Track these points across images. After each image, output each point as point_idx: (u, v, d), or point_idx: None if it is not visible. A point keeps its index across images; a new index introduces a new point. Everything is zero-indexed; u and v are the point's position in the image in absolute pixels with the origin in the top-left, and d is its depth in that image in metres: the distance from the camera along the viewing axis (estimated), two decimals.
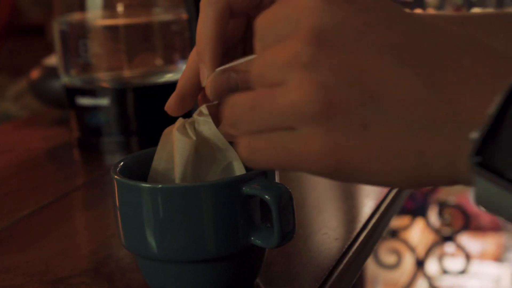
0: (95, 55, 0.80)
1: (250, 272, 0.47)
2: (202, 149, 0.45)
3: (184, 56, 0.82)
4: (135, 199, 0.44)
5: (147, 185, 0.44)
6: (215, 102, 0.45)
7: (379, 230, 0.60)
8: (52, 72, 0.96)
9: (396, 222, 1.45)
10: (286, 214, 0.43)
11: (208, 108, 0.45)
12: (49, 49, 1.03)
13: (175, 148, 0.45)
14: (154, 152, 0.48)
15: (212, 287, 0.45)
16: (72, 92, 0.82)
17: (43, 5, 4.23)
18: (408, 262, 1.52)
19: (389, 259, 1.45)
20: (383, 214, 0.62)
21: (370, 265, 1.48)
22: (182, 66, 0.82)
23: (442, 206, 1.35)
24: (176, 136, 0.45)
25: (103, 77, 0.81)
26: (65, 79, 0.83)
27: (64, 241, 0.58)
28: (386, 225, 0.63)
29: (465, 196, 1.50)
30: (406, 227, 1.44)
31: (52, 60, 0.98)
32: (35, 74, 0.98)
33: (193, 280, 0.45)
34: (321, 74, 0.34)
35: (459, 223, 1.34)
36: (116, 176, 0.45)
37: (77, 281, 0.50)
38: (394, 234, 1.41)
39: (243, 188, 0.43)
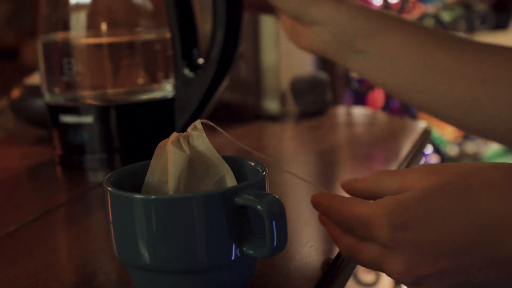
0: (79, 73, 0.81)
1: (242, 282, 0.48)
2: (195, 163, 0.46)
3: (167, 75, 0.83)
4: (128, 210, 0.45)
5: (140, 196, 0.45)
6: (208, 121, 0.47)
7: None
8: (33, 91, 0.96)
9: None
10: (278, 224, 0.44)
11: (202, 123, 0.46)
12: (22, 72, 1.03)
13: (169, 161, 0.45)
14: (146, 166, 0.49)
15: None
16: (55, 110, 0.82)
17: (16, 28, 4.21)
18: (387, 279, 1.53)
19: (368, 277, 1.46)
20: None
21: (350, 283, 1.48)
22: (166, 85, 0.83)
23: None
24: (170, 149, 0.46)
25: (87, 95, 0.82)
26: (48, 98, 0.84)
27: (51, 256, 0.58)
28: None
29: None
30: None
31: (33, 79, 0.99)
32: (16, 93, 0.98)
33: None
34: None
35: None
36: (109, 188, 0.46)
37: None
38: None
39: (236, 199, 0.44)
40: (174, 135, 0.47)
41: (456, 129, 1.82)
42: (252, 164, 0.50)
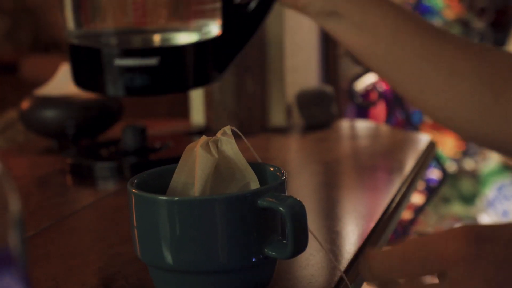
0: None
1: (262, 283, 0.49)
2: (222, 168, 0.48)
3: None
4: (151, 212, 0.46)
5: (164, 198, 0.46)
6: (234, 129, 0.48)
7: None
8: (43, 102, 0.97)
9: None
10: (299, 225, 0.45)
11: (232, 129, 0.48)
12: (21, 86, 1.04)
13: (197, 164, 0.47)
14: (170, 169, 0.50)
15: None
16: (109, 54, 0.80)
17: (14, 43, 4.23)
18: None
19: None
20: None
21: None
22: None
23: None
24: (199, 152, 0.47)
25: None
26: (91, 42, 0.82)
27: (69, 260, 0.59)
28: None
29: (441, 227, 1.53)
30: None
31: (43, 90, 1.00)
32: (25, 104, 0.99)
33: None
34: None
35: None
36: (133, 190, 0.47)
37: None
38: None
39: (258, 201, 0.45)
40: (203, 138, 0.48)
41: (456, 138, 1.83)
42: (272, 169, 0.51)
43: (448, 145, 1.95)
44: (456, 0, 1.94)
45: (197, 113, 1.07)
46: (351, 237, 0.63)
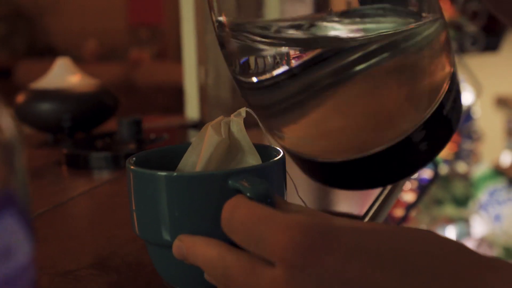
0: None
1: None
2: (231, 149, 0.48)
3: None
4: (147, 187, 0.46)
5: (148, 172, 0.46)
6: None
7: None
8: (38, 96, 0.98)
9: None
10: None
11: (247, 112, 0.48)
12: (15, 92, 1.04)
13: (205, 143, 0.47)
14: (167, 150, 0.51)
15: None
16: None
17: (9, 49, 4.24)
18: None
19: None
20: None
21: None
22: None
23: None
24: (209, 131, 0.47)
25: None
26: None
27: (66, 242, 0.59)
28: None
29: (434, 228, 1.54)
30: None
31: (38, 83, 1.00)
32: (21, 98, 1.00)
33: None
34: None
35: None
36: (131, 167, 0.48)
37: (85, 273, 0.52)
38: None
39: (229, 182, 0.45)
40: (219, 118, 0.48)
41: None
42: (275, 153, 0.50)
43: None
44: (449, 3, 1.96)
45: (192, 108, 1.08)
46: None
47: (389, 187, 0.73)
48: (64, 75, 1.00)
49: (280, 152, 0.49)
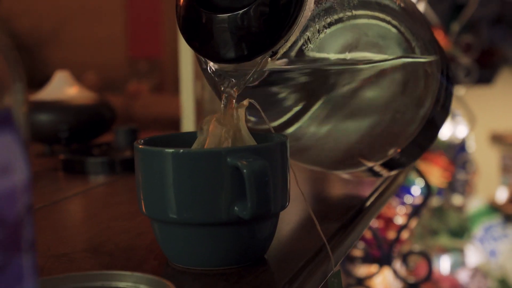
0: None
1: (263, 240, 0.50)
2: (236, 137, 0.50)
3: None
4: (153, 164, 0.48)
5: (151, 149, 0.48)
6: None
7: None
8: (35, 107, 0.99)
9: (363, 270, 1.48)
10: (257, 185, 0.46)
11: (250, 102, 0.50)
12: None
13: (209, 134, 0.50)
14: (173, 136, 0.54)
15: (224, 252, 0.48)
16: None
17: None
18: None
19: None
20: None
21: None
22: None
23: (407, 254, 1.39)
24: (213, 123, 0.50)
25: None
26: None
27: (61, 232, 0.60)
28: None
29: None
30: (372, 275, 1.47)
31: (37, 95, 1.02)
32: None
33: (208, 244, 0.48)
34: None
35: (423, 270, 1.38)
36: (140, 146, 0.49)
37: (79, 256, 0.53)
38: (361, 282, 1.44)
39: (228, 159, 0.47)
40: (223, 108, 0.51)
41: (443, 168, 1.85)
42: (278, 139, 0.52)
43: (435, 175, 1.97)
44: (443, 35, 1.99)
45: (188, 122, 1.09)
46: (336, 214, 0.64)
47: (387, 180, 0.75)
48: (62, 87, 1.02)
49: (285, 138, 0.51)
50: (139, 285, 0.43)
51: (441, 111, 0.69)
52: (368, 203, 0.70)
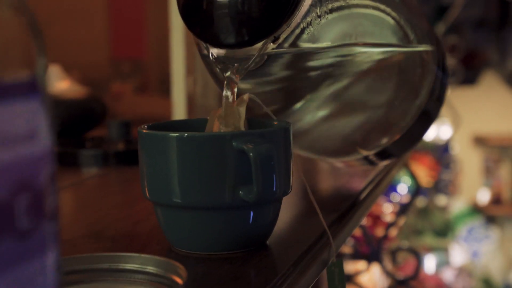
0: None
1: (265, 225, 0.50)
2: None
3: None
4: (157, 148, 0.48)
5: (162, 133, 0.48)
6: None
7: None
8: None
9: (352, 266, 1.48)
10: (264, 168, 0.46)
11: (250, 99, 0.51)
12: None
13: (214, 128, 0.50)
14: (176, 123, 0.54)
15: (228, 237, 0.48)
16: None
17: None
18: None
19: None
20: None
21: None
22: None
23: (396, 251, 1.40)
24: (216, 123, 0.51)
25: None
26: None
27: (60, 220, 0.60)
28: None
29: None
30: (360, 272, 1.47)
31: None
32: None
33: (212, 228, 0.48)
34: None
35: (410, 267, 1.39)
36: (144, 131, 0.49)
37: (81, 242, 0.52)
38: (349, 279, 1.44)
39: (233, 143, 0.47)
40: (226, 103, 0.51)
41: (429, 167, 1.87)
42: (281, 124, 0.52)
43: (421, 174, 1.98)
44: None
45: (179, 117, 1.09)
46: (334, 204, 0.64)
47: (382, 173, 0.75)
48: (53, 82, 1.02)
49: (288, 124, 0.51)
50: (146, 267, 0.42)
51: (435, 103, 0.69)
52: (364, 194, 0.70)
